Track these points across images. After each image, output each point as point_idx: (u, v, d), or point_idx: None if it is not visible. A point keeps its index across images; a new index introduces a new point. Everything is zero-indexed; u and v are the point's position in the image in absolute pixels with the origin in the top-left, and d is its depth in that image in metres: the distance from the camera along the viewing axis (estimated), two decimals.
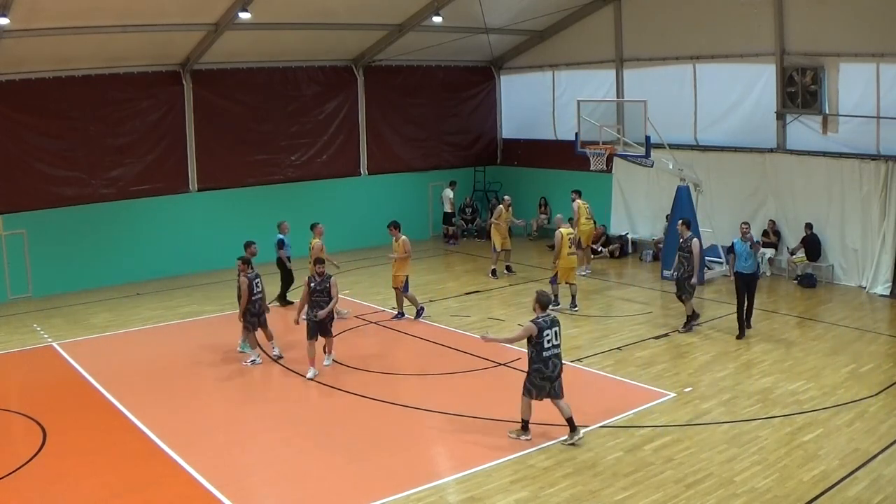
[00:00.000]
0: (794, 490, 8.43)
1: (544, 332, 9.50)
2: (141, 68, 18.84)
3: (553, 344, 9.56)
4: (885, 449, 9.33)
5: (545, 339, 9.49)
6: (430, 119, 24.29)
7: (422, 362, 13.14)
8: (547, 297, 9.86)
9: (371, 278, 18.49)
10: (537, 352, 9.54)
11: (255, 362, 12.93)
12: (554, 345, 9.57)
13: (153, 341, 14.62)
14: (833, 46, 16.88)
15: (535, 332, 9.49)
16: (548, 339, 9.50)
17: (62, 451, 9.85)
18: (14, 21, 14.42)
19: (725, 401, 11.01)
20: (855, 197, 16.96)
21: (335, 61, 22.13)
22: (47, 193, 17.93)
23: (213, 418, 10.92)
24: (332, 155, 22.36)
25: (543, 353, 9.52)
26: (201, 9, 16.94)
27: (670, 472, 8.95)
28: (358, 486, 8.87)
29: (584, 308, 16.01)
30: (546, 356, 9.53)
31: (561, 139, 22.89)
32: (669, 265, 18.10)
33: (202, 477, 9.04)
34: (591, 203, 22.34)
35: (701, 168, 18.92)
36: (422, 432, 10.51)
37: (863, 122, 16.73)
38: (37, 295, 17.75)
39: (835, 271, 17.55)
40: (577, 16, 21.96)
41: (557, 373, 9.65)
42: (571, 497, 8.46)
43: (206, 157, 20.13)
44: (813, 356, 12.80)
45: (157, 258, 19.35)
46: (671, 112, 19.46)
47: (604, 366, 12.62)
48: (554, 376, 9.61)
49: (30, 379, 12.80)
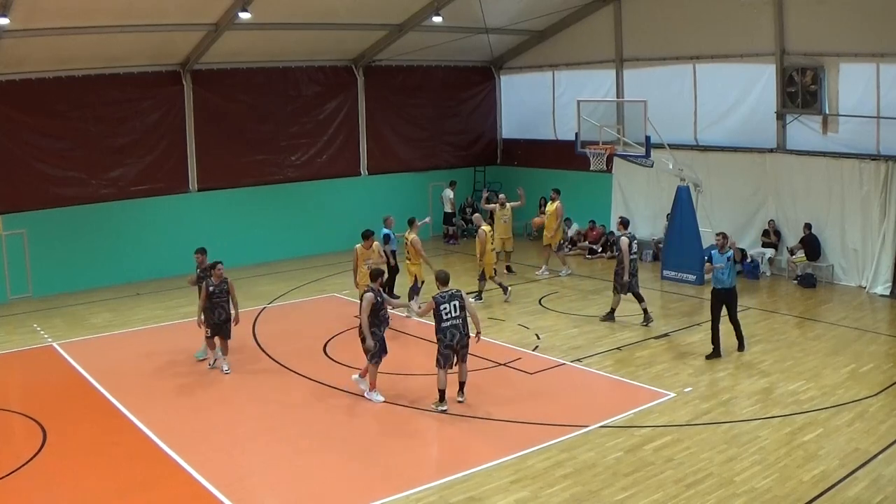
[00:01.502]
0: (794, 490, 8.43)
1: (441, 305, 10.73)
2: (141, 68, 18.85)
3: (451, 316, 10.76)
4: (885, 449, 9.33)
5: (443, 312, 10.73)
6: (430, 119, 24.30)
7: (422, 362, 13.12)
8: (444, 274, 11.12)
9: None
10: (437, 323, 10.81)
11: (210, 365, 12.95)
12: (452, 316, 10.76)
13: (153, 341, 14.61)
14: (833, 46, 16.88)
15: (434, 306, 10.78)
16: (445, 311, 10.73)
17: (62, 451, 9.85)
18: (14, 21, 14.42)
19: (725, 401, 11.01)
20: (855, 197, 16.95)
21: (335, 61, 22.13)
22: (47, 193, 17.94)
23: (212, 418, 10.92)
24: (332, 155, 22.37)
25: (442, 323, 10.76)
26: (201, 9, 16.94)
27: (670, 472, 8.95)
28: (358, 486, 8.87)
29: (585, 308, 16.02)
30: (444, 326, 10.75)
31: (561, 139, 22.90)
32: (669, 265, 18.20)
33: (202, 477, 9.04)
34: (592, 203, 22.40)
35: (701, 168, 18.92)
36: (422, 432, 10.52)
37: (863, 122, 16.73)
38: (37, 295, 17.75)
39: (835, 271, 17.55)
40: (577, 16, 21.96)
41: (460, 343, 10.85)
42: (571, 497, 8.46)
43: (206, 157, 20.14)
44: (813, 356, 12.80)
45: (157, 258, 19.34)
46: (671, 112, 19.46)
47: (604, 366, 12.62)
48: (456, 346, 10.82)
49: (30, 379, 12.80)
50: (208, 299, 12.46)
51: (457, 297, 10.81)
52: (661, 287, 17.73)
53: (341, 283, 18.55)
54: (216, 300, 12.47)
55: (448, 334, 10.76)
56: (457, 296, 10.83)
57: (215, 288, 12.46)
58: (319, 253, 21.39)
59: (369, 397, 11.32)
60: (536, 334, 14.31)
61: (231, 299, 12.62)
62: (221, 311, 12.51)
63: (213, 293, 12.44)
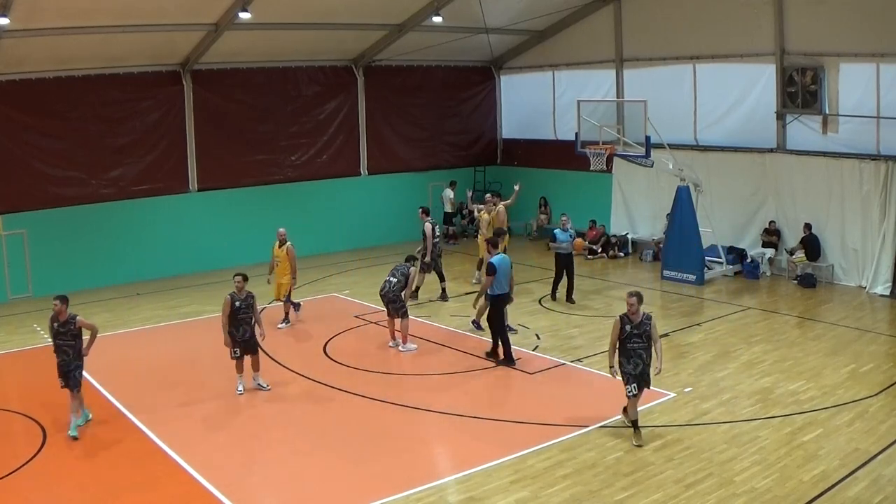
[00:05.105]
0: (794, 490, 8.43)
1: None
2: (141, 68, 18.84)
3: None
4: (885, 449, 9.33)
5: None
6: (430, 119, 24.30)
7: (421, 362, 13.13)
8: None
9: (371, 278, 18.43)
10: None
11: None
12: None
13: (153, 341, 14.62)
14: (833, 46, 16.87)
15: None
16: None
17: (62, 451, 9.85)
18: (14, 21, 14.42)
19: (725, 401, 11.01)
20: (855, 197, 16.95)
21: (335, 61, 22.13)
22: (47, 193, 17.94)
23: (212, 418, 10.91)
24: (332, 155, 22.37)
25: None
26: (201, 9, 16.94)
27: (670, 472, 8.94)
28: (358, 487, 8.87)
29: (584, 308, 16.02)
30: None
31: (561, 139, 22.90)
32: (669, 265, 18.20)
33: (202, 477, 9.04)
34: (592, 203, 22.36)
35: (701, 168, 18.92)
36: (422, 432, 10.51)
37: (863, 122, 16.73)
38: (37, 295, 17.72)
39: (835, 271, 17.54)
40: (577, 16, 21.96)
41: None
42: (571, 497, 8.46)
43: (206, 157, 20.14)
44: (813, 356, 12.80)
45: (157, 258, 19.35)
46: (671, 112, 19.45)
47: (604, 366, 12.52)
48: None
49: (30, 379, 12.78)
50: (233, 316, 11.40)
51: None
52: (661, 287, 17.73)
53: (341, 284, 18.56)
54: (241, 316, 11.41)
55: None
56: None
57: (241, 303, 11.40)
58: (319, 253, 21.40)
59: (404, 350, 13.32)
60: (536, 334, 14.30)
61: (255, 315, 11.60)
62: (246, 327, 11.48)
63: (238, 308, 11.39)
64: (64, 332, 10.20)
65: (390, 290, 13.44)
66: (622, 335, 9.56)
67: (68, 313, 10.21)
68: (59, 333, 10.22)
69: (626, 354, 9.60)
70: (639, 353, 9.55)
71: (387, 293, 13.51)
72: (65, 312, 10.17)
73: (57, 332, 10.22)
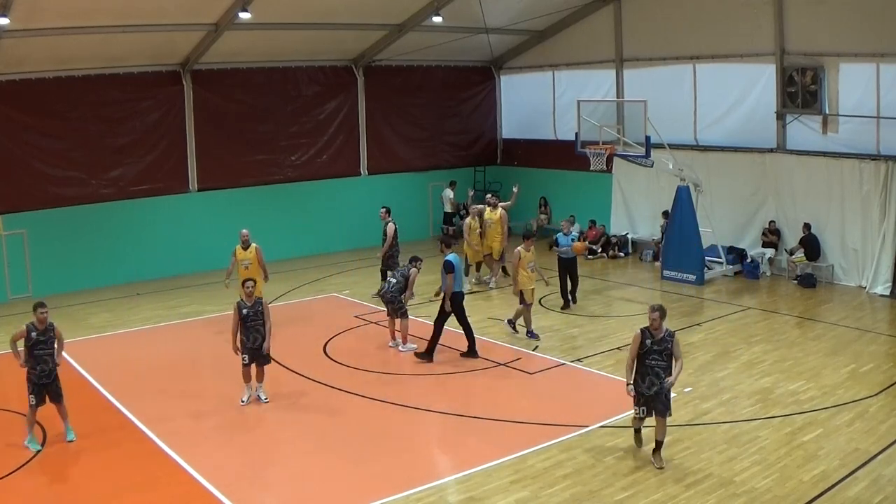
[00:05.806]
0: (794, 490, 8.43)
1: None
2: (141, 68, 18.84)
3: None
4: (885, 449, 9.33)
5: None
6: (430, 119, 24.29)
7: (421, 362, 13.13)
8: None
9: (371, 278, 18.44)
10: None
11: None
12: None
13: (153, 341, 14.61)
14: (833, 46, 16.87)
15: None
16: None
17: (62, 451, 9.85)
18: (14, 21, 14.41)
19: (725, 401, 11.01)
20: (855, 197, 16.95)
21: (335, 61, 22.13)
22: (47, 193, 17.93)
23: (212, 418, 10.90)
24: (332, 155, 22.37)
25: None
26: (201, 9, 16.94)
27: (670, 472, 8.94)
28: (358, 487, 8.87)
29: (584, 308, 16.02)
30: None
31: (561, 139, 22.90)
32: (669, 265, 18.19)
33: (202, 477, 9.04)
34: (592, 203, 22.36)
35: (701, 168, 18.92)
36: (422, 432, 10.52)
37: (863, 122, 16.73)
38: (37, 295, 17.64)
39: (835, 271, 17.54)
40: (577, 16, 21.96)
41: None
42: (571, 497, 8.46)
43: (206, 157, 20.13)
44: (813, 356, 12.80)
45: (157, 258, 19.35)
46: (671, 112, 19.45)
47: (604, 366, 12.61)
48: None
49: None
50: (242, 323, 11.02)
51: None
52: (661, 287, 17.72)
53: (341, 284, 18.56)
54: (251, 324, 11.01)
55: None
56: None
57: (249, 310, 11.01)
58: (319, 253, 21.40)
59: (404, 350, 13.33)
60: (537, 334, 14.29)
61: (265, 323, 11.15)
62: (257, 335, 11.06)
63: (246, 316, 11.00)
64: (44, 340, 9.88)
65: (389, 290, 13.48)
66: (642, 349, 8.99)
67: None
68: (38, 343, 9.83)
69: (643, 372, 8.99)
70: (656, 371, 8.91)
71: (385, 294, 13.58)
72: (46, 320, 9.92)
73: (36, 341, 9.81)
